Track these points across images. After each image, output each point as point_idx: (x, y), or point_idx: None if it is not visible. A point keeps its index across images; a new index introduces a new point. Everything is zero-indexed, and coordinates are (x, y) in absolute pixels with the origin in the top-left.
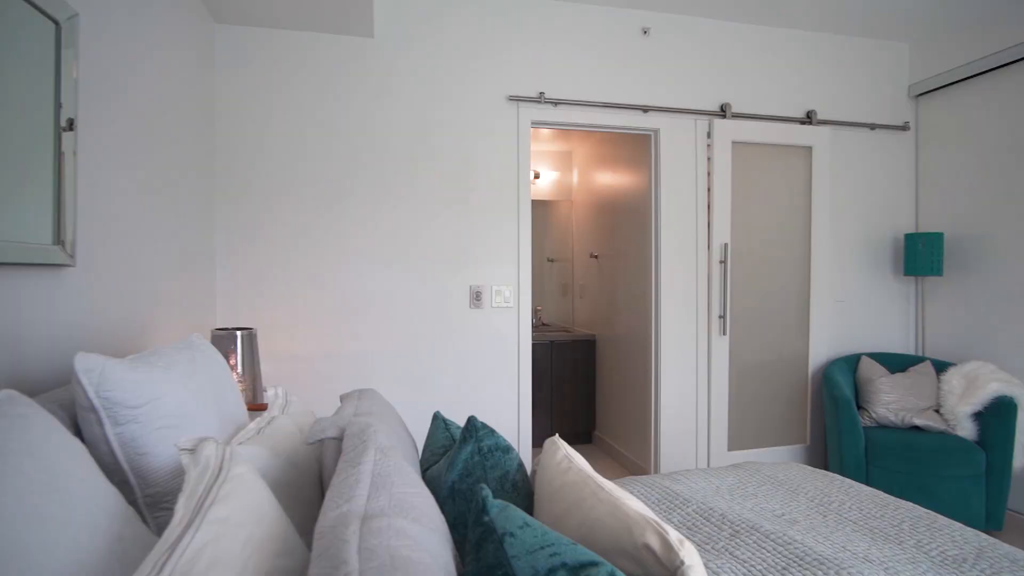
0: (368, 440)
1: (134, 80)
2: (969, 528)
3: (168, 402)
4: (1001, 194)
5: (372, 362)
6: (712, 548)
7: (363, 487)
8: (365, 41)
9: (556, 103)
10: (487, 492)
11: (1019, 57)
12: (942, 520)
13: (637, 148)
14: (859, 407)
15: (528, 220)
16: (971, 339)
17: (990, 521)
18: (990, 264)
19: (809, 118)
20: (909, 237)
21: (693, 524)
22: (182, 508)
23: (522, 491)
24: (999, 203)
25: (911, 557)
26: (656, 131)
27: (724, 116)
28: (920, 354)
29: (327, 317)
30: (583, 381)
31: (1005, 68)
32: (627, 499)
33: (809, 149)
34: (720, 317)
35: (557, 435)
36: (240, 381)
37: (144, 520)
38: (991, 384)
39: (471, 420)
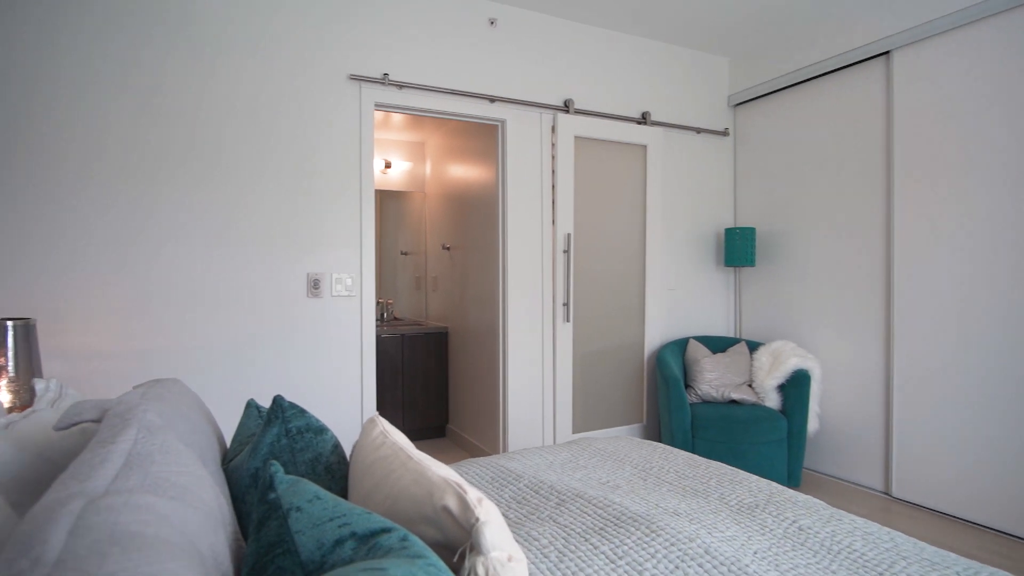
0: (131, 419)
1: None
2: (764, 480)
3: None
4: (800, 194)
5: (194, 358)
6: (537, 517)
7: (111, 467)
8: (191, 4)
9: (401, 86)
10: (277, 468)
11: (813, 75)
12: (742, 475)
13: (487, 140)
14: (687, 386)
15: (371, 205)
16: (777, 321)
17: (791, 479)
18: (792, 255)
19: (644, 119)
20: (728, 231)
21: (523, 497)
22: None
23: (337, 474)
24: (799, 201)
25: (714, 508)
26: (503, 122)
27: (567, 111)
28: (738, 336)
29: (138, 308)
30: (436, 375)
31: (803, 84)
32: (434, 467)
33: (644, 148)
34: (564, 305)
35: (377, 413)
36: (11, 382)
37: None
38: (791, 359)
39: (277, 400)
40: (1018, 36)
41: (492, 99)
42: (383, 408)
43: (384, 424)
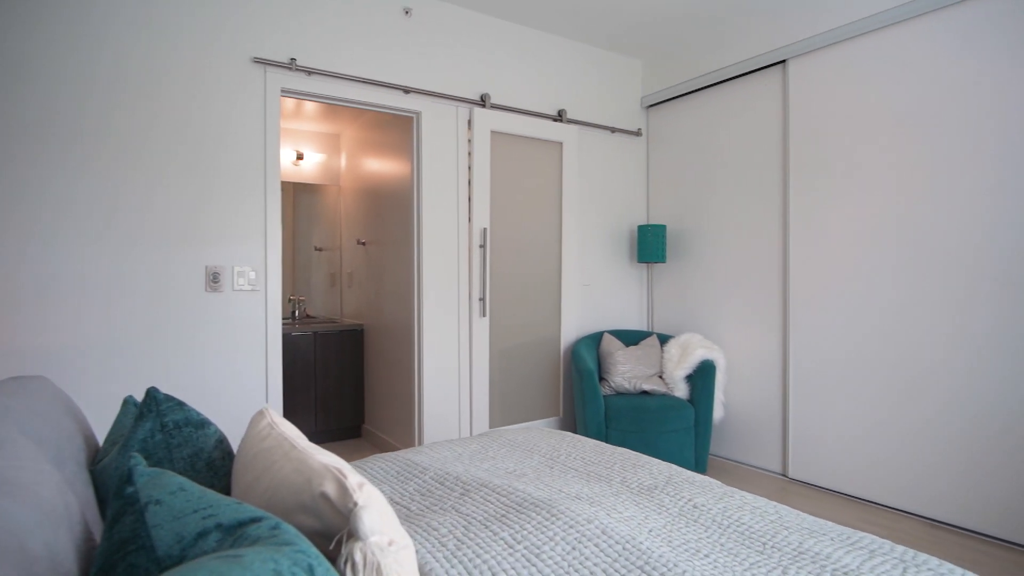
0: None
1: None
2: (665, 463)
3: None
4: (708, 193)
5: (72, 356)
6: (440, 508)
7: None
8: None
9: (310, 72)
10: (137, 460)
11: (720, 80)
12: (645, 459)
13: (402, 133)
14: (601, 378)
15: (277, 195)
16: (687, 314)
17: (698, 464)
18: (700, 252)
19: (560, 116)
20: (641, 228)
21: (428, 489)
22: None
23: (221, 471)
24: (706, 200)
25: (615, 490)
26: (418, 114)
27: (484, 106)
28: (650, 329)
29: (7, 304)
30: (351, 374)
31: (711, 88)
32: (318, 455)
33: (560, 145)
34: (480, 300)
35: (268, 406)
36: None
37: None
38: (698, 351)
39: (151, 392)
40: (896, 51)
41: (406, 90)
42: (295, 411)
43: (272, 416)
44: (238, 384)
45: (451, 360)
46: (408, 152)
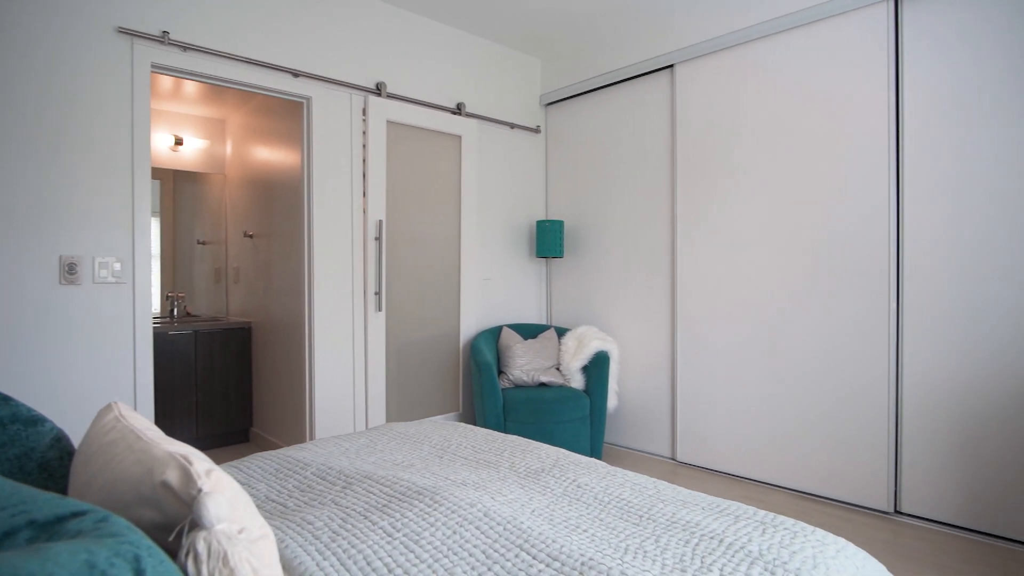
0: None
1: None
2: (554, 448)
3: None
4: (603, 190)
5: None
6: (319, 502)
7: None
8: None
9: (185, 48)
10: None
11: (615, 81)
12: (536, 445)
13: (292, 120)
14: (500, 372)
15: (147, 178)
16: (583, 308)
17: (593, 453)
18: (596, 247)
19: (459, 109)
20: (539, 224)
21: (308, 485)
22: None
23: (58, 472)
24: (602, 197)
25: (503, 475)
26: (308, 99)
27: (380, 95)
28: (548, 323)
29: None
30: (237, 375)
31: (607, 88)
32: (164, 443)
33: (459, 138)
34: (376, 294)
35: (117, 400)
36: None
37: None
38: (593, 342)
39: None
40: (769, 61)
41: (296, 73)
42: (172, 416)
43: (121, 409)
44: (101, 386)
45: (346, 357)
46: (298, 140)
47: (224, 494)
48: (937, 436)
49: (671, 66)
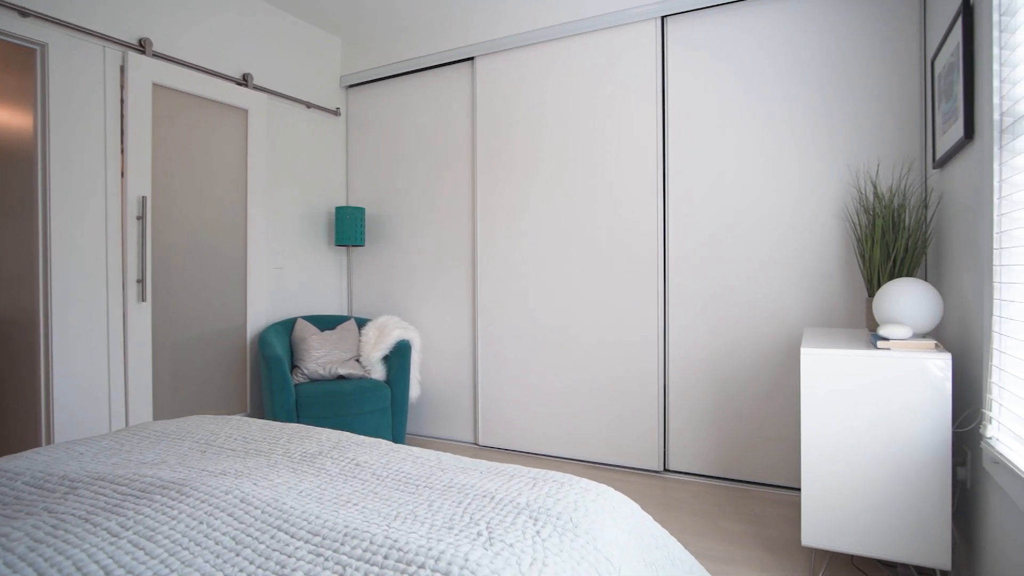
0: None
1: None
2: (337, 431)
3: None
4: (407, 177)
5: None
6: (25, 512)
7: None
8: None
9: None
10: None
11: (419, 68)
12: (317, 430)
13: (22, 71)
14: (295, 366)
15: None
16: (385, 298)
17: (396, 443)
18: (400, 235)
19: (246, 80)
20: (339, 210)
21: (16, 496)
22: None
23: None
24: (406, 184)
25: (273, 462)
26: (44, 46)
27: (144, 52)
28: (349, 314)
29: None
30: None
31: (411, 74)
32: None
33: (245, 112)
34: (139, 282)
35: None
36: None
37: None
38: (394, 332)
39: None
40: (563, 61)
41: (24, 12)
42: None
43: None
44: None
45: (98, 354)
46: (30, 95)
47: None
48: (695, 402)
49: (472, 58)
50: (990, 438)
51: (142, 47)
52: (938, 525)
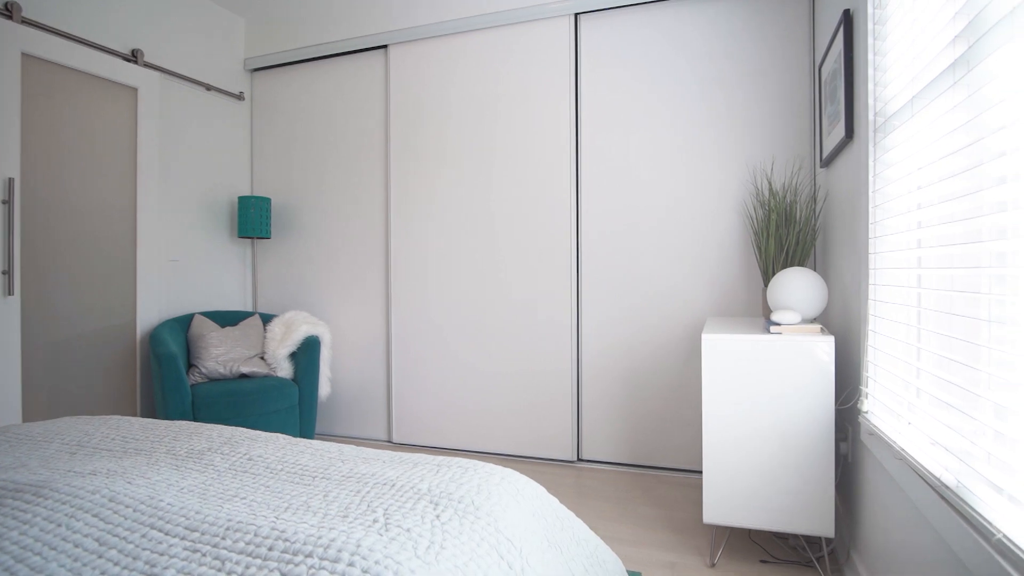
0: None
1: None
2: (231, 427)
3: None
4: (317, 167)
5: None
6: None
7: None
8: None
9: None
10: None
11: (330, 53)
12: (208, 427)
13: None
14: (192, 365)
15: None
16: (293, 292)
17: None
18: (308, 227)
19: (135, 56)
20: (242, 200)
21: None
22: None
23: None
24: (316, 175)
25: (154, 460)
26: None
27: (10, 17)
28: (253, 309)
29: None
30: None
31: (322, 60)
32: None
33: (135, 91)
34: (4, 273)
35: None
36: None
37: None
38: (302, 327)
39: None
40: (478, 53)
41: None
42: None
43: None
44: None
45: None
46: None
47: None
48: (607, 392)
49: (386, 46)
50: (866, 412)
51: (8, 11)
52: (823, 497)
